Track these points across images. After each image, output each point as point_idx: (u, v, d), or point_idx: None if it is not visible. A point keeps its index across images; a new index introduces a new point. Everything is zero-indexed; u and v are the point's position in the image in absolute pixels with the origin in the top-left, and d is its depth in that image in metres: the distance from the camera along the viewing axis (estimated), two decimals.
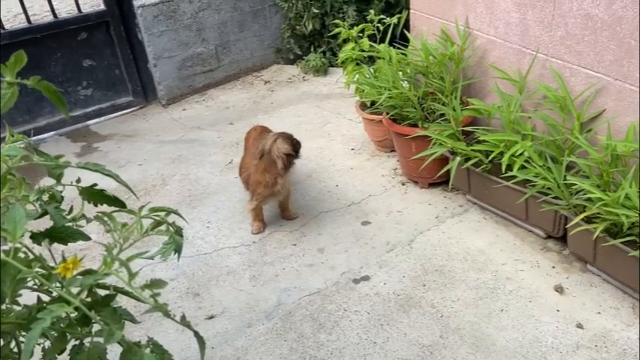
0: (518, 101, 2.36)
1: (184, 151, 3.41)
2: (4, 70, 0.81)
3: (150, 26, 3.70)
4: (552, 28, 2.25)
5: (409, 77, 2.80)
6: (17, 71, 0.89)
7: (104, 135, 3.71)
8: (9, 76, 0.81)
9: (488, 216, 2.57)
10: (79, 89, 3.78)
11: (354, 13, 3.82)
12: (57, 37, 3.58)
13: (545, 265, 2.27)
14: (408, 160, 2.74)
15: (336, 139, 3.37)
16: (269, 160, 2.44)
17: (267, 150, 2.43)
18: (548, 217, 2.26)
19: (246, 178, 2.63)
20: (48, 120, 3.69)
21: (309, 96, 3.93)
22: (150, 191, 3.04)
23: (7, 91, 0.82)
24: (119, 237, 0.90)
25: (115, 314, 0.93)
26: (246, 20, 4.09)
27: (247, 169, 2.61)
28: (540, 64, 2.36)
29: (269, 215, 2.75)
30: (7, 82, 0.81)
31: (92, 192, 1.20)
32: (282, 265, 2.42)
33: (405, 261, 2.36)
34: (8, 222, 0.77)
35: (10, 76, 0.81)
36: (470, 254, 2.36)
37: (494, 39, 2.54)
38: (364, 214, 2.68)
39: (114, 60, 3.81)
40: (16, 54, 0.81)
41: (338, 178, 2.99)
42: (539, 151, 2.22)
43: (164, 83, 3.92)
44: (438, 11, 2.81)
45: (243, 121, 3.68)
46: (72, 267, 0.81)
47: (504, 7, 2.43)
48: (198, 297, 2.29)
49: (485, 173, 2.40)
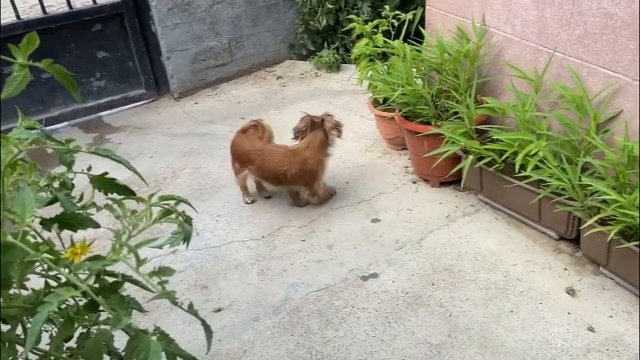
0: (533, 100, 2.32)
1: (195, 145, 3.41)
2: (16, 51, 0.81)
3: (164, 19, 3.70)
4: (571, 26, 2.21)
5: (423, 74, 2.77)
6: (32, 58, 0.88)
7: (116, 127, 3.72)
8: (21, 58, 0.81)
9: (500, 216, 2.54)
10: (92, 80, 3.80)
11: (369, 10, 3.79)
12: (71, 28, 3.59)
13: (557, 266, 2.23)
14: (419, 158, 2.72)
15: (347, 135, 3.34)
16: (316, 139, 2.58)
17: (317, 125, 2.59)
18: (561, 218, 2.23)
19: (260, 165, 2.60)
20: (61, 110, 3.71)
21: (321, 92, 3.91)
22: (160, 184, 3.04)
23: (18, 74, 0.81)
24: (128, 224, 0.90)
25: (122, 302, 0.92)
26: (260, 15, 4.08)
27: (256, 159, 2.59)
28: (557, 63, 2.32)
29: (278, 210, 2.74)
30: (18, 64, 0.80)
31: (103, 180, 1.19)
32: (290, 260, 2.41)
33: (414, 259, 2.34)
34: (17, 205, 0.76)
35: (22, 59, 0.80)
36: (480, 254, 2.33)
37: (511, 37, 2.51)
38: (374, 212, 2.66)
39: (127, 52, 3.82)
40: (28, 36, 0.80)
41: (348, 175, 2.98)
42: (554, 152, 2.19)
43: (177, 76, 3.92)
44: (454, 8, 2.78)
45: (254, 115, 3.66)
46: (80, 252, 0.80)
47: (522, 5, 2.39)
48: (206, 290, 2.29)
49: (498, 173, 2.37)
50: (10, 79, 0.82)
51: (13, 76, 0.81)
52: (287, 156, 2.58)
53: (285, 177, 2.57)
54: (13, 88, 0.82)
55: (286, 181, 2.59)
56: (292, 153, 2.59)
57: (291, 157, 2.57)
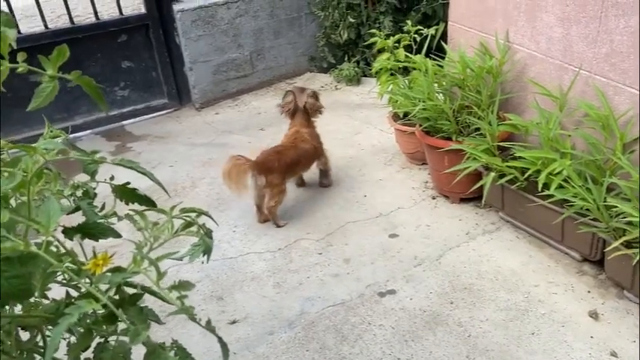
0: (557, 118, 2.29)
1: (215, 155, 3.43)
2: (47, 63, 0.82)
3: (188, 30, 3.76)
4: (597, 44, 2.18)
5: (445, 89, 2.75)
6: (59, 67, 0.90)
7: (138, 135, 3.77)
8: (50, 70, 0.82)
9: (521, 235, 2.49)
10: (116, 90, 3.86)
11: (390, 24, 3.80)
12: (98, 38, 3.66)
13: (580, 289, 2.18)
14: (439, 173, 2.69)
15: (366, 149, 3.34)
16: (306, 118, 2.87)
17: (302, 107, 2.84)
18: (585, 239, 2.18)
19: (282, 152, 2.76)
20: (85, 118, 3.78)
21: (340, 105, 3.92)
22: (179, 193, 3.06)
23: (48, 85, 0.82)
24: (149, 236, 0.90)
25: (141, 314, 0.92)
26: (282, 28, 4.12)
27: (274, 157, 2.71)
28: (583, 81, 2.29)
29: (296, 222, 2.73)
30: (48, 75, 0.81)
31: (125, 190, 1.20)
32: (306, 273, 2.40)
33: (432, 277, 2.31)
34: (42, 215, 0.77)
35: (51, 70, 0.82)
36: (501, 274, 2.29)
37: (535, 54, 2.48)
38: (392, 227, 2.64)
39: (151, 62, 3.88)
40: (58, 48, 0.81)
41: (367, 188, 2.96)
42: (579, 171, 2.14)
43: (199, 87, 3.97)
44: (477, 24, 2.76)
45: (273, 127, 3.69)
46: (102, 263, 0.80)
47: (547, 22, 2.37)
48: (222, 301, 2.28)
49: (520, 191, 2.33)
50: (39, 90, 0.84)
51: (42, 87, 0.82)
52: (298, 140, 2.82)
53: (316, 151, 2.86)
54: (41, 99, 0.83)
55: (315, 156, 2.88)
56: (297, 137, 2.83)
57: (304, 139, 2.82)
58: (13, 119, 3.49)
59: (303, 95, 2.86)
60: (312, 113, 2.90)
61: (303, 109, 2.86)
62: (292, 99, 2.85)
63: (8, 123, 3.52)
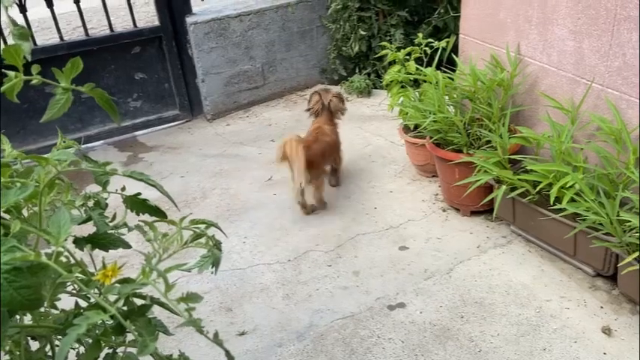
0: (570, 131, 2.27)
1: (225, 166, 3.44)
2: (60, 76, 0.83)
3: (200, 43, 3.80)
4: (609, 58, 2.17)
5: (455, 102, 2.75)
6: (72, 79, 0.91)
7: (150, 146, 3.80)
8: (64, 82, 0.83)
9: (533, 249, 2.47)
10: (129, 101, 3.90)
11: (401, 37, 3.81)
12: (112, 50, 3.72)
13: (592, 304, 2.15)
14: (450, 186, 2.68)
15: (376, 161, 3.34)
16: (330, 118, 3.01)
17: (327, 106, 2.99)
18: (597, 254, 2.15)
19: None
20: (98, 129, 3.82)
21: (351, 117, 3.92)
22: (190, 203, 3.08)
23: (61, 97, 0.83)
24: (159, 247, 0.90)
25: (149, 325, 0.92)
26: (294, 40, 4.15)
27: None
28: (595, 95, 2.27)
29: (305, 234, 2.73)
30: (62, 87, 0.83)
31: (135, 201, 1.21)
32: (316, 285, 2.39)
33: (443, 290, 2.29)
34: (53, 225, 0.77)
35: (65, 82, 0.83)
36: (512, 288, 2.26)
37: (547, 67, 2.47)
38: (402, 239, 2.63)
39: (164, 74, 3.93)
40: (72, 60, 0.83)
41: (377, 200, 2.95)
42: (591, 185, 2.12)
43: (210, 98, 4.00)
44: (488, 37, 2.76)
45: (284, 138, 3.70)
46: (111, 274, 0.80)
47: (559, 35, 2.36)
48: (231, 312, 2.28)
49: (531, 204, 2.31)
50: (53, 101, 0.85)
51: (55, 99, 0.84)
52: (320, 134, 2.93)
53: (336, 145, 3.01)
54: (55, 110, 0.84)
55: (335, 149, 3.02)
56: (319, 132, 2.95)
57: (325, 133, 2.95)
58: (28, 129, 3.55)
59: (329, 95, 3.03)
60: (335, 113, 3.04)
61: (328, 109, 3.01)
62: (319, 99, 3.01)
63: (24, 133, 3.58)
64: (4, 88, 0.78)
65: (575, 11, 2.26)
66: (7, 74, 0.80)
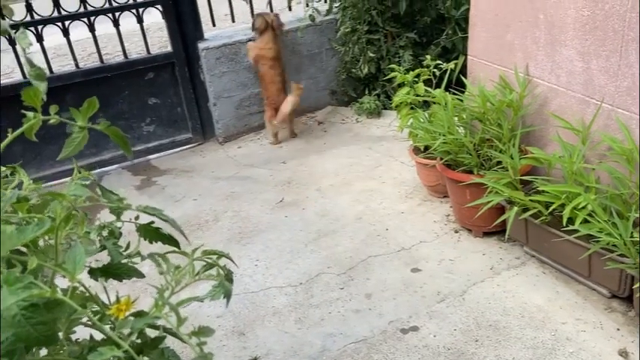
0: (581, 152, 2.26)
1: (237, 188, 3.47)
2: (77, 115, 0.86)
3: (212, 67, 3.87)
4: (618, 78, 2.17)
5: (465, 123, 2.76)
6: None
7: (163, 169, 3.85)
8: (80, 120, 0.86)
9: (547, 270, 2.44)
10: (142, 125, 3.97)
11: (410, 58, 3.85)
12: (126, 76, 3.79)
13: (609, 326, 2.12)
14: (462, 207, 2.68)
15: (387, 181, 3.35)
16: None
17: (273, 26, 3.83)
18: (613, 275, 2.12)
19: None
20: (112, 154, 3.88)
21: (361, 137, 3.95)
22: (202, 226, 3.10)
23: (77, 135, 0.86)
24: (171, 279, 0.92)
25: (162, 356, 0.93)
26: (304, 63, 4.20)
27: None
28: (605, 115, 2.27)
29: (317, 257, 2.73)
30: (78, 126, 0.86)
31: (148, 229, 1.23)
32: (328, 308, 2.38)
33: (456, 313, 2.27)
34: (68, 261, 0.80)
35: (81, 121, 0.86)
36: (527, 310, 2.24)
37: (556, 87, 2.48)
38: (414, 261, 2.62)
39: (177, 99, 3.99)
40: (89, 100, 0.86)
41: (388, 221, 2.95)
42: (604, 205, 2.11)
43: (222, 122, 4.06)
44: (497, 58, 2.78)
45: (295, 160, 3.73)
46: (124, 308, 0.82)
47: (567, 56, 2.37)
48: (244, 336, 2.28)
49: (544, 225, 2.30)
50: (70, 140, 0.88)
51: (72, 137, 0.87)
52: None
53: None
54: (72, 148, 0.87)
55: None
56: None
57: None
58: (44, 155, 3.62)
59: (269, 15, 3.85)
60: (277, 29, 3.85)
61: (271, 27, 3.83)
62: (263, 19, 3.80)
63: (40, 159, 3.65)
64: (24, 129, 0.81)
65: (582, 32, 2.27)
66: (26, 115, 0.83)
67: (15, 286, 0.73)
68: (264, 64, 3.85)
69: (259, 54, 3.83)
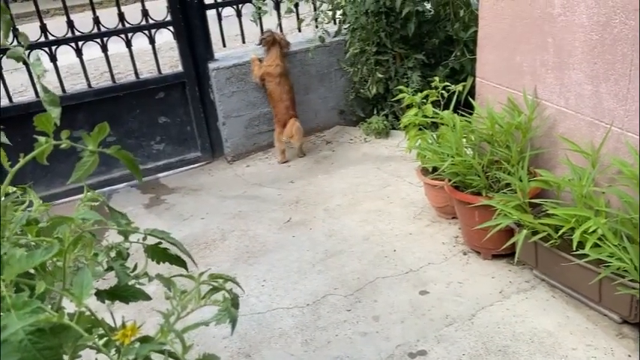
0: (590, 175, 2.25)
1: (245, 207, 3.48)
2: (87, 139, 0.87)
3: (222, 87, 3.91)
4: (627, 101, 2.16)
5: (473, 145, 2.76)
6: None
7: (172, 188, 3.87)
8: (91, 145, 0.87)
9: (557, 294, 2.41)
10: (152, 144, 4.01)
11: (418, 79, 3.87)
12: (137, 96, 3.84)
13: (620, 353, 2.07)
14: (470, 229, 2.66)
15: (395, 202, 3.34)
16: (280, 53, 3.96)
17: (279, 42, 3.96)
18: (624, 300, 2.09)
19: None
20: (122, 172, 3.91)
21: (369, 157, 3.95)
22: (209, 245, 3.10)
23: (88, 159, 0.87)
24: (177, 304, 0.91)
25: None
26: (313, 83, 4.23)
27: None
28: (615, 138, 2.26)
29: (324, 277, 2.72)
30: (89, 150, 0.87)
31: (156, 250, 1.24)
32: (335, 331, 2.36)
33: (465, 337, 2.24)
34: (76, 286, 0.80)
35: (92, 146, 0.87)
36: (537, 335, 2.20)
37: (565, 110, 2.48)
38: (422, 283, 2.59)
39: (186, 118, 4.03)
40: (99, 126, 0.87)
41: (396, 242, 2.94)
42: (614, 229, 2.09)
43: (231, 141, 4.08)
44: (505, 80, 2.79)
45: (303, 179, 3.74)
46: (130, 334, 0.82)
47: (576, 79, 2.37)
48: (249, 358, 2.26)
49: (554, 249, 2.27)
50: (80, 164, 0.89)
51: (82, 161, 0.88)
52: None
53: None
54: (82, 172, 0.88)
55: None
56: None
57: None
58: (55, 172, 3.65)
59: (277, 34, 4.00)
60: (284, 46, 3.99)
61: (278, 43, 3.95)
62: (271, 34, 3.94)
63: (50, 177, 3.69)
64: (35, 154, 0.82)
65: (591, 56, 2.28)
66: (38, 139, 0.84)
67: (23, 310, 0.73)
68: (270, 82, 3.89)
69: (266, 71, 3.89)
